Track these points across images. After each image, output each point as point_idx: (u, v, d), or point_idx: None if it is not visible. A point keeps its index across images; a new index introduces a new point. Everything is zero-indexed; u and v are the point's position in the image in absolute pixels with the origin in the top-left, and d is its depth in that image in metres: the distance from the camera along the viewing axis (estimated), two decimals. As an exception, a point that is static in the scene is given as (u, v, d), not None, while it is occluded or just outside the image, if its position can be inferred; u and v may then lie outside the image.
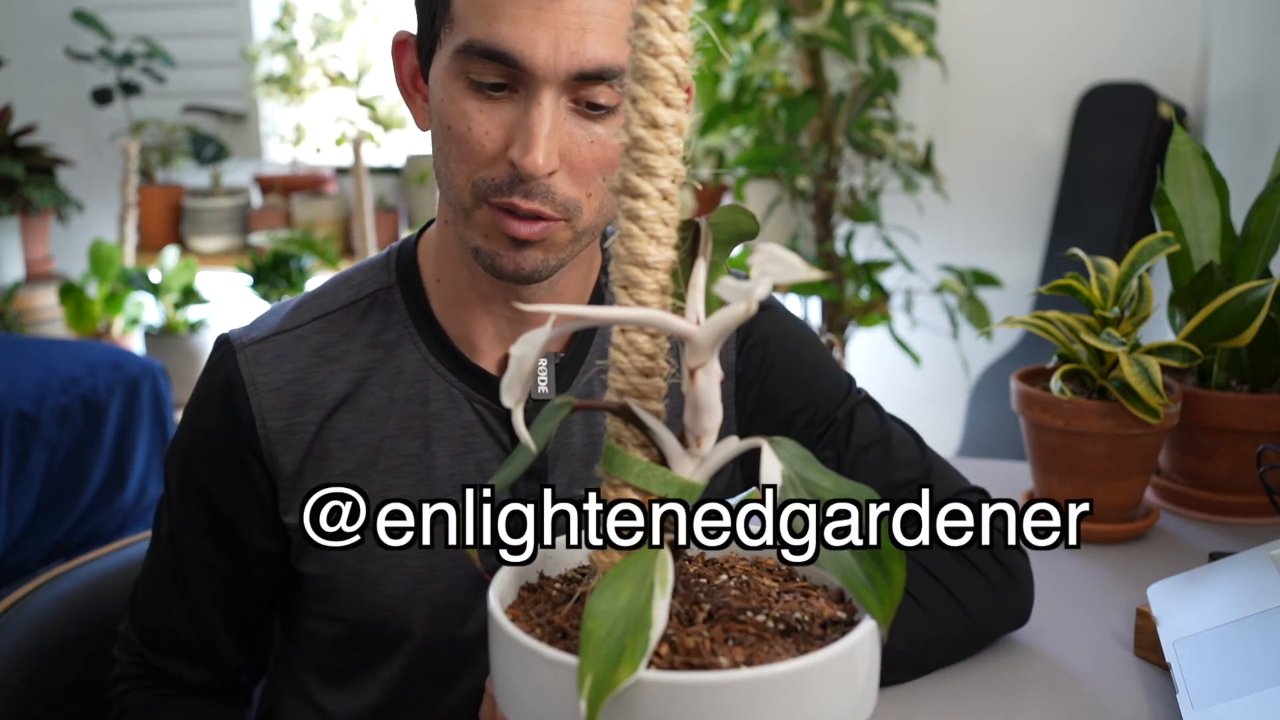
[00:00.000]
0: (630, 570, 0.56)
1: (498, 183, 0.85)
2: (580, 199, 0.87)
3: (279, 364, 0.94)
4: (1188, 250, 1.28)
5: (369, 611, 0.96)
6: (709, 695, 0.53)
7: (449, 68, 0.86)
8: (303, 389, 0.94)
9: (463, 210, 0.88)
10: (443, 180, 0.89)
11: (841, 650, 0.56)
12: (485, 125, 0.85)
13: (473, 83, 0.85)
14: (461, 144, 0.86)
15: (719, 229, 0.61)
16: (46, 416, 2.13)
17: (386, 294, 0.97)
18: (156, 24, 3.45)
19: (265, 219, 3.34)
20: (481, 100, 0.85)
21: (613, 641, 0.53)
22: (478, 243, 0.88)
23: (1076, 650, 1.01)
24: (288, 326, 0.96)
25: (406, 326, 0.96)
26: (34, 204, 3.15)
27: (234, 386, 0.94)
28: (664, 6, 0.57)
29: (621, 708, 0.53)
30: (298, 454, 0.94)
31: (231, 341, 0.96)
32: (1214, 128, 2.64)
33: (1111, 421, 1.18)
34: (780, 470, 0.57)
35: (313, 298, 0.98)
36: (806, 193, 2.77)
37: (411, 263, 0.98)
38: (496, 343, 0.96)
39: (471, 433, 0.95)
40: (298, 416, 0.94)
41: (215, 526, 0.97)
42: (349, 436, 0.94)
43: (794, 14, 2.59)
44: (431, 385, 0.95)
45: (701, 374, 0.58)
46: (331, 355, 0.95)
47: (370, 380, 0.95)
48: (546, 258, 0.88)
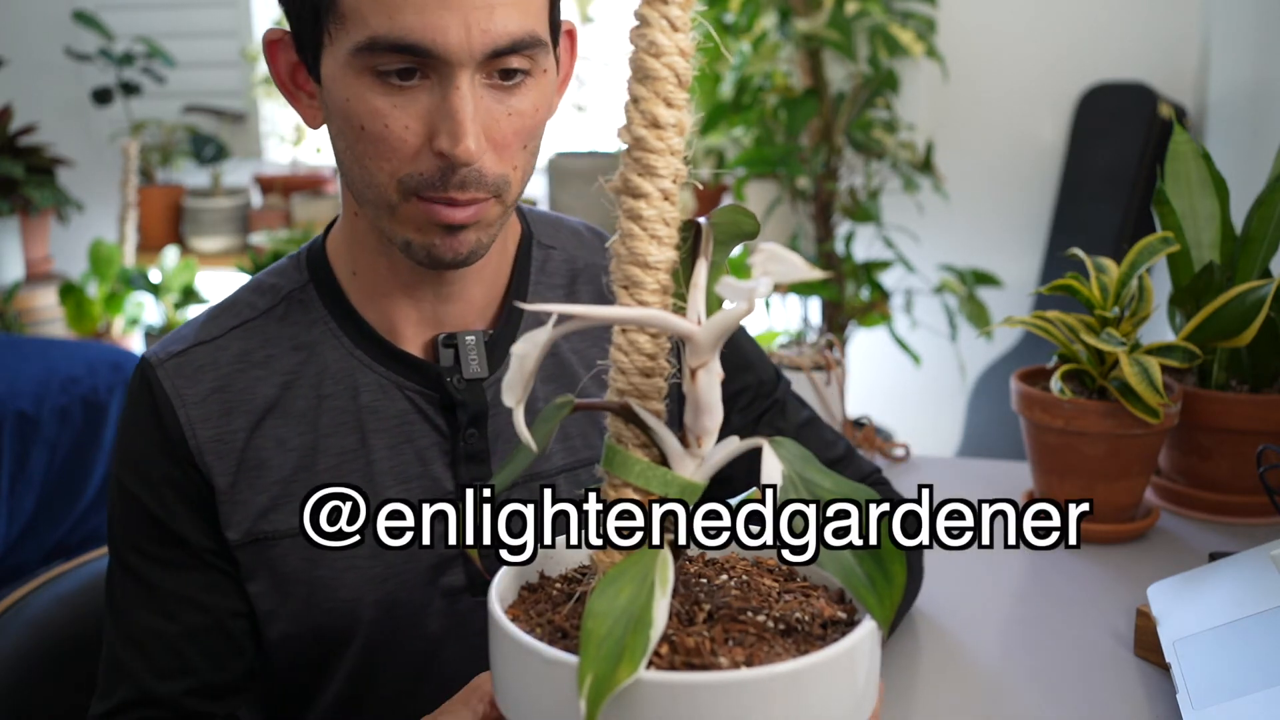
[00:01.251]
0: (631, 570, 0.56)
1: (428, 178, 0.83)
2: (507, 173, 0.85)
3: (201, 375, 0.92)
4: (1188, 250, 1.28)
5: (322, 619, 0.93)
6: (708, 695, 0.53)
7: (349, 65, 0.82)
8: (228, 397, 0.92)
9: (387, 207, 0.85)
10: (357, 179, 0.86)
11: (841, 650, 0.56)
12: (403, 119, 0.82)
13: (380, 75, 0.81)
14: (380, 142, 0.83)
15: (720, 229, 0.61)
16: (46, 416, 2.13)
17: (301, 293, 0.95)
18: (156, 24, 3.45)
19: (265, 219, 3.34)
20: (392, 93, 0.82)
21: (613, 641, 0.53)
22: (408, 237, 0.86)
23: (1076, 650, 1.01)
24: (205, 338, 0.93)
25: (327, 323, 0.94)
26: (34, 204, 3.15)
27: (159, 402, 0.91)
28: (665, 6, 0.57)
29: (621, 708, 0.53)
30: (230, 464, 0.91)
31: (149, 360, 0.93)
32: (1214, 128, 2.64)
33: (1111, 421, 1.18)
34: (781, 470, 0.57)
35: (227, 307, 0.96)
36: (806, 193, 2.77)
37: (322, 260, 0.96)
38: (421, 328, 0.94)
39: (407, 421, 0.93)
40: (226, 425, 0.91)
41: (175, 553, 0.93)
42: (282, 441, 0.91)
43: (794, 14, 2.59)
44: (360, 378, 0.93)
45: (703, 374, 0.58)
46: (255, 361, 0.93)
47: (297, 383, 0.93)
48: (480, 237, 0.87)
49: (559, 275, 1.00)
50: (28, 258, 3.33)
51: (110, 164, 3.47)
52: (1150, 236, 1.23)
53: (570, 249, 1.02)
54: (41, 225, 3.36)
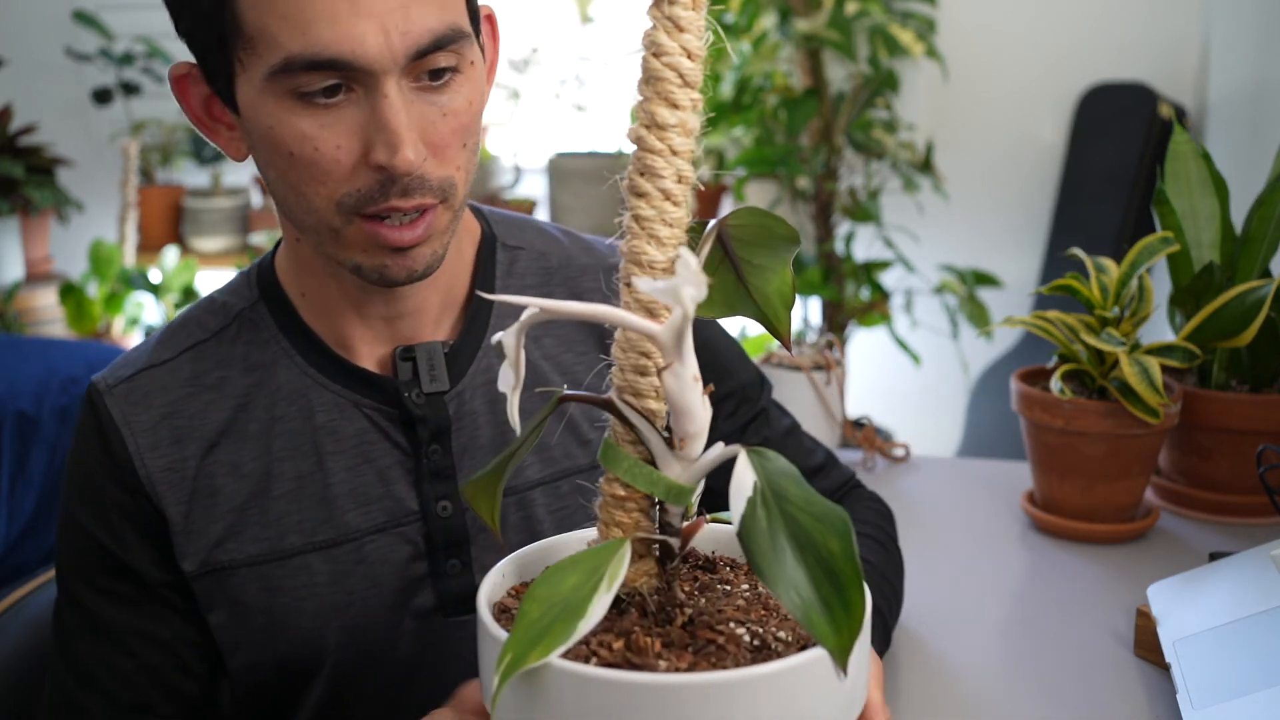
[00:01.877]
0: (586, 561, 0.56)
1: (367, 193, 0.79)
2: (451, 175, 0.81)
3: (149, 400, 0.89)
4: (1188, 250, 1.28)
5: (285, 648, 0.89)
6: (606, 692, 0.53)
7: (267, 90, 0.77)
8: (178, 423, 0.88)
9: (330, 232, 0.81)
10: (294, 206, 0.82)
11: (756, 675, 0.53)
12: (333, 139, 0.78)
13: (302, 97, 0.77)
14: (311, 166, 0.78)
15: (743, 230, 0.59)
16: (46, 416, 2.12)
17: (251, 311, 0.91)
18: (156, 24, 3.44)
19: (265, 219, 3.34)
20: (317, 114, 0.77)
21: (540, 626, 0.54)
22: (358, 260, 0.82)
23: (1076, 650, 1.01)
24: (155, 361, 0.90)
25: (279, 342, 0.90)
26: (34, 204, 3.15)
27: (108, 430, 0.88)
28: (671, 7, 0.57)
29: (535, 693, 0.54)
30: (183, 493, 0.87)
31: (97, 385, 0.89)
32: (1214, 128, 2.64)
33: (1111, 421, 1.18)
34: (753, 481, 0.56)
35: (179, 328, 0.92)
36: (806, 193, 2.77)
37: (272, 277, 0.92)
38: (376, 343, 0.90)
39: (366, 440, 0.89)
40: (177, 453, 0.88)
41: (128, 587, 0.89)
42: (235, 467, 0.88)
43: (794, 14, 2.59)
44: (315, 398, 0.89)
45: (668, 375, 0.57)
46: (206, 384, 0.89)
47: (250, 405, 0.89)
48: (435, 250, 0.83)
49: (530, 275, 0.96)
50: (28, 258, 3.33)
51: (110, 164, 3.47)
52: (1150, 236, 1.23)
53: (539, 247, 0.98)
54: (41, 225, 3.36)
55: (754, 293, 0.62)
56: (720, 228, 0.60)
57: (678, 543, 0.61)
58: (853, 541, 0.55)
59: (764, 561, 0.54)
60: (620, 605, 0.60)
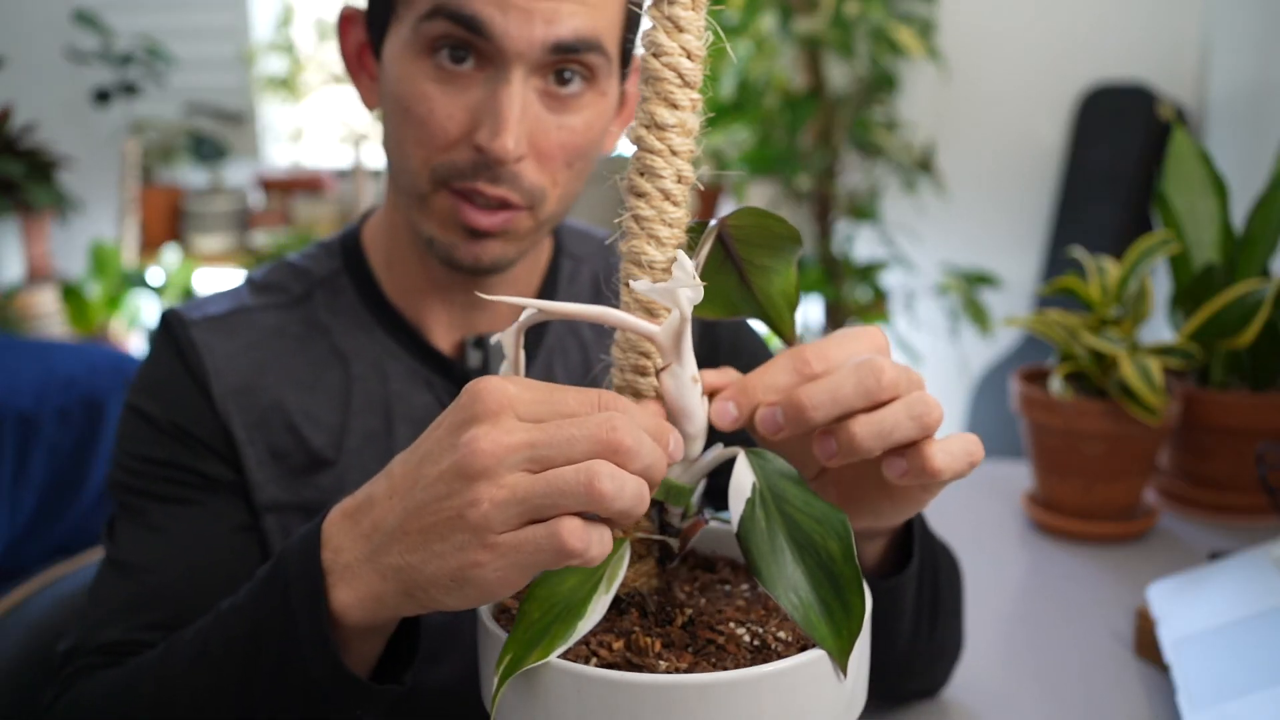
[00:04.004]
0: None
1: (460, 167, 0.80)
2: (546, 186, 0.82)
3: (234, 334, 0.88)
4: (1188, 250, 1.28)
5: None
6: (606, 692, 0.53)
7: (409, 43, 0.80)
8: (260, 356, 0.88)
9: (418, 196, 0.83)
10: (395, 164, 0.84)
11: (756, 675, 0.53)
12: (448, 108, 0.80)
13: (434, 59, 0.79)
14: (421, 127, 0.81)
15: (744, 230, 0.59)
16: (46, 416, 2.13)
17: (333, 280, 0.92)
18: (156, 24, 3.45)
19: (265, 219, 3.35)
20: (444, 81, 0.80)
21: (541, 627, 0.54)
22: (433, 233, 0.84)
23: (1076, 650, 1.01)
24: (240, 307, 0.90)
25: (357, 311, 0.91)
26: (34, 204, 3.15)
27: (185, 351, 0.87)
28: (670, 7, 0.57)
29: (535, 693, 0.54)
30: (252, 418, 0.86)
31: (180, 315, 0.89)
32: (1214, 128, 2.64)
33: (1111, 421, 1.18)
34: (751, 482, 0.56)
35: (261, 287, 0.93)
36: (807, 193, 2.77)
37: (357, 248, 0.93)
38: (450, 329, 0.92)
39: (430, 415, 0.89)
40: (256, 379, 0.87)
41: (195, 482, 0.86)
42: (310, 416, 0.88)
43: (794, 14, 2.59)
44: (389, 365, 0.90)
45: (666, 376, 0.57)
46: (291, 334, 0.90)
47: (330, 362, 0.90)
48: (506, 249, 0.84)
49: (586, 288, 0.98)
50: (28, 258, 3.33)
51: (110, 164, 3.48)
52: (1150, 236, 1.23)
53: (600, 260, 1.00)
54: (41, 225, 3.36)
55: (757, 293, 0.62)
56: (721, 228, 0.59)
57: (677, 543, 0.61)
58: (852, 543, 0.55)
59: (762, 562, 0.54)
60: (620, 605, 0.60)
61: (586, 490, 0.51)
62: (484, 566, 0.54)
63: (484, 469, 0.53)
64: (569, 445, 0.53)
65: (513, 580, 0.54)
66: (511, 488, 0.53)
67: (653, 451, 0.54)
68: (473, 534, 0.53)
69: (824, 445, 0.59)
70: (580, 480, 0.52)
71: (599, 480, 0.51)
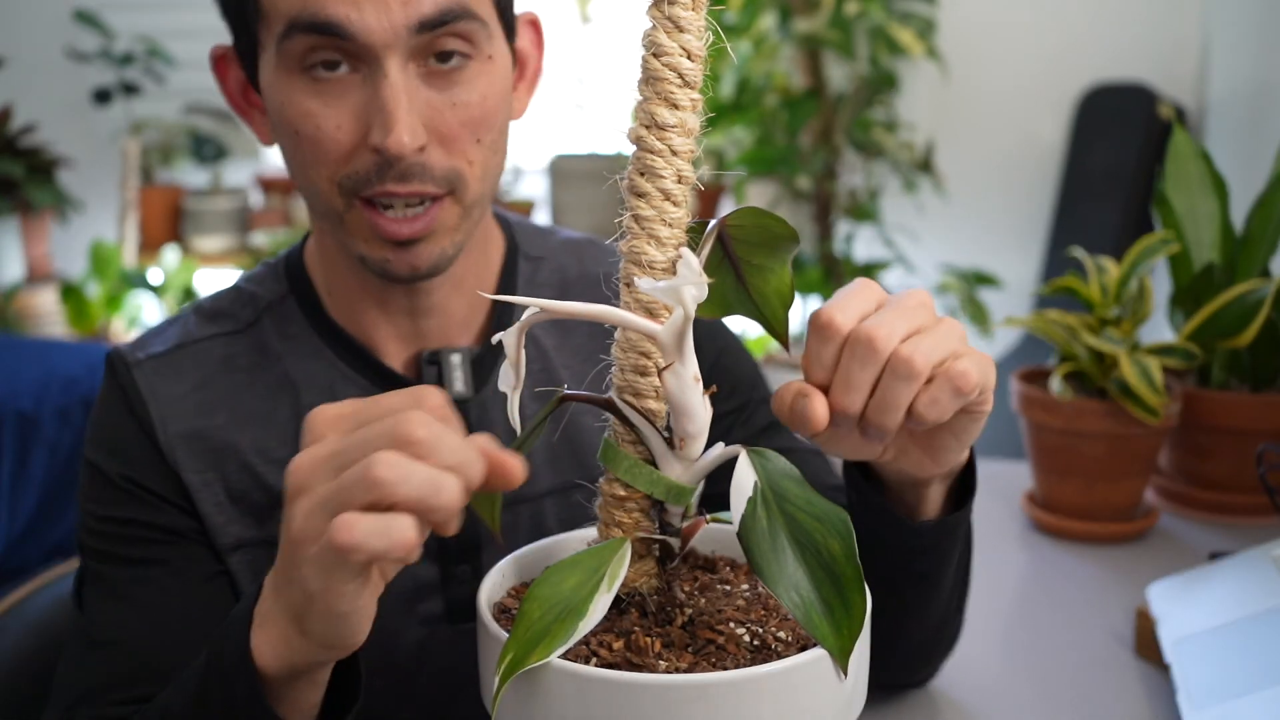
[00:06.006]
0: (586, 561, 0.57)
1: (365, 174, 0.78)
2: (460, 168, 0.79)
3: (181, 375, 0.86)
4: (1188, 250, 1.28)
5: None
6: (606, 692, 0.53)
7: (279, 66, 0.78)
8: (209, 396, 0.85)
9: (334, 216, 0.81)
10: (304, 189, 0.82)
11: (756, 675, 0.53)
12: (335, 118, 0.77)
13: (306, 71, 0.77)
14: (314, 145, 0.78)
15: (743, 230, 0.59)
16: (46, 416, 2.13)
17: (280, 304, 0.90)
18: (157, 24, 3.45)
19: (265, 219, 3.34)
20: (320, 91, 0.77)
21: (541, 626, 0.54)
22: (361, 250, 0.81)
23: (1076, 650, 1.01)
24: (187, 340, 0.88)
25: (308, 336, 0.88)
26: (34, 204, 3.15)
27: (131, 400, 0.85)
28: (670, 7, 0.57)
29: (535, 693, 0.54)
30: (204, 463, 0.84)
31: (124, 357, 0.86)
32: (1214, 128, 2.64)
33: (1111, 421, 1.18)
34: (753, 481, 0.56)
35: (209, 316, 0.90)
36: (806, 193, 2.77)
37: (300, 270, 0.91)
38: (401, 344, 0.89)
39: None
40: (205, 421, 0.85)
41: (158, 538, 0.84)
42: (264, 452, 0.85)
43: (794, 14, 2.59)
44: (341, 391, 0.87)
45: (669, 375, 0.57)
46: (239, 366, 0.87)
47: (280, 393, 0.87)
48: (441, 247, 0.81)
49: (549, 287, 0.95)
50: (28, 258, 3.33)
51: (110, 164, 3.47)
52: (1150, 236, 1.23)
53: (560, 258, 0.97)
54: (41, 225, 3.36)
55: (753, 293, 0.61)
56: (720, 228, 0.59)
57: (678, 543, 0.61)
58: (853, 542, 0.55)
59: (764, 561, 0.54)
60: (620, 605, 0.60)
61: (364, 478, 0.52)
62: (309, 580, 0.55)
63: (299, 485, 0.55)
64: (365, 445, 0.54)
65: (337, 590, 0.54)
66: (315, 495, 0.54)
67: (456, 447, 0.54)
68: (295, 548, 0.55)
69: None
70: (359, 471, 0.52)
71: (374, 467, 0.52)
